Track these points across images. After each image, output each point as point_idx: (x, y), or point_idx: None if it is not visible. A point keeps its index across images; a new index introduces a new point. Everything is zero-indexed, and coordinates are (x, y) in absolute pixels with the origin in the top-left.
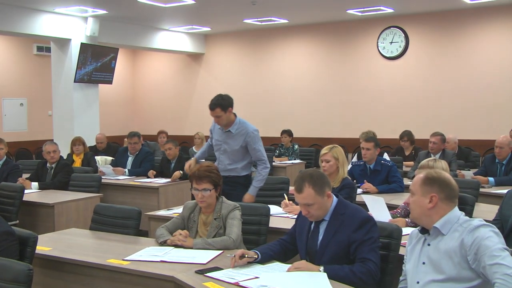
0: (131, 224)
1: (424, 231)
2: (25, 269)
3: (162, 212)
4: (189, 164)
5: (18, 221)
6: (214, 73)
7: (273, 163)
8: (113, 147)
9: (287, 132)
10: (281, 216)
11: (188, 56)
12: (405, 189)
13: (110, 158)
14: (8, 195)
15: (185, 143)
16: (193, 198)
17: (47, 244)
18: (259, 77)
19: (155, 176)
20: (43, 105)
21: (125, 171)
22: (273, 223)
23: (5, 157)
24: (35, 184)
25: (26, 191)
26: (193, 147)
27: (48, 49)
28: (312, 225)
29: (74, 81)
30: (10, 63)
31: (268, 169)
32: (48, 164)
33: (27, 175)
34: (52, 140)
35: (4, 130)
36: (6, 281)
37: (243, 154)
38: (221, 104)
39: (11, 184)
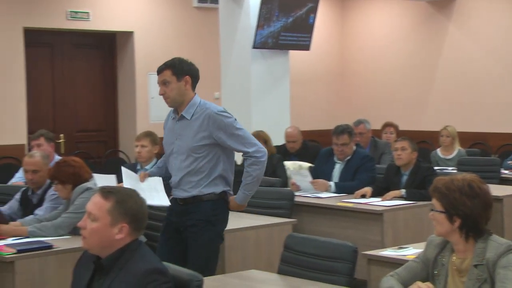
0: (341, 268)
1: None
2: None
3: (389, 252)
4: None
5: None
6: (472, 31)
7: None
8: (312, 148)
9: None
10: None
11: (429, 4)
12: None
13: (306, 165)
14: None
15: (423, 143)
16: None
17: None
18: None
19: (376, 195)
20: (207, 84)
21: (330, 185)
22: None
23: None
24: None
25: None
26: (437, 150)
27: None
28: None
29: (253, 47)
30: (160, 20)
31: (261, 164)
32: None
33: None
34: None
35: (151, 120)
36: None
37: (206, 156)
38: (174, 66)
39: None
